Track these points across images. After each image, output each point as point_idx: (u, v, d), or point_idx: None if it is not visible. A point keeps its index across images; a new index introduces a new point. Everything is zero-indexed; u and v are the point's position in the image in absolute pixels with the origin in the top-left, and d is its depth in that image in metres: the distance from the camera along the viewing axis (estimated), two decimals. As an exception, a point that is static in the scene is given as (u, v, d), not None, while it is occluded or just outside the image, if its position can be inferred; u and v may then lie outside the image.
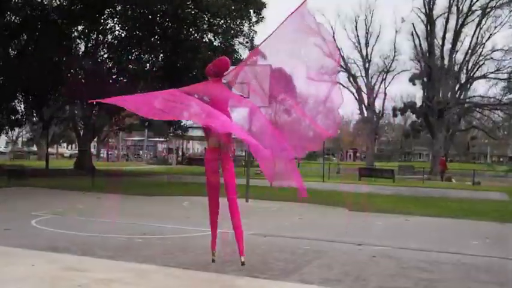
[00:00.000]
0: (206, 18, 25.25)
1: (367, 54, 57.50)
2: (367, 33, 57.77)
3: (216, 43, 27.12)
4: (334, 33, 58.67)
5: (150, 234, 9.49)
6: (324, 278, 6.64)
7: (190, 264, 7.13)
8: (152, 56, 28.35)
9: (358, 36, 57.83)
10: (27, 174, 23.43)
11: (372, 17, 59.55)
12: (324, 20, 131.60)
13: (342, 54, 56.75)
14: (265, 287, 6.22)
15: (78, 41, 29.39)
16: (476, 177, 34.75)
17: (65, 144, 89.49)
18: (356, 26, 57.94)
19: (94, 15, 26.81)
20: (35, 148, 76.56)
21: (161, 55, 27.68)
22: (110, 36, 29.72)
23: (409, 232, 11.50)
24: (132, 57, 27.54)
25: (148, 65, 28.49)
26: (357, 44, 57.90)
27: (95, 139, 42.52)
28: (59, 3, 27.21)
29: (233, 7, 24.85)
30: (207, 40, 26.41)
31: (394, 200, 19.06)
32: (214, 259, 7.28)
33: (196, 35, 25.94)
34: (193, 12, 23.79)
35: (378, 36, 58.91)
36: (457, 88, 50.83)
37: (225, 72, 7.10)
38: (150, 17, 24.18)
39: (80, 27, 28.97)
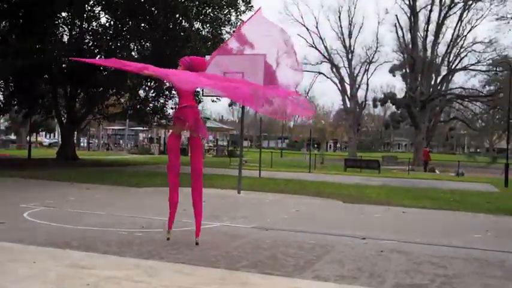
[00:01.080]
0: (195, 7, 24.83)
1: (350, 45, 57.59)
2: (350, 24, 57.92)
3: (204, 32, 26.75)
4: (317, 23, 58.83)
5: (148, 228, 9.22)
6: (339, 275, 6.44)
7: (199, 260, 6.87)
8: (140, 44, 27.86)
9: (341, 27, 57.93)
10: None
11: (355, 8, 60.17)
12: (307, 10, 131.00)
13: (325, 44, 56.78)
14: (281, 284, 5.99)
15: (62, 28, 28.70)
16: (459, 168, 34.99)
17: (43, 133, 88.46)
18: (339, 17, 57.98)
19: (79, 2, 26.20)
20: (13, 137, 75.41)
21: (149, 43, 27.21)
22: (95, 24, 29.12)
23: (410, 225, 11.38)
24: (119, 45, 26.98)
25: (135, 53, 27.96)
26: (340, 35, 57.96)
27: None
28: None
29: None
30: (195, 29, 26.00)
31: (385, 191, 18.99)
32: (169, 238, 8.16)
33: (185, 23, 25.51)
34: (183, 0, 23.36)
35: (360, 28, 59.76)
36: (439, 80, 51.10)
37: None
38: (139, 4, 23.67)
39: (64, 14, 28.30)
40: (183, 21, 25.46)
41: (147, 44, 27.48)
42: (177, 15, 24.67)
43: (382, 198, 16.34)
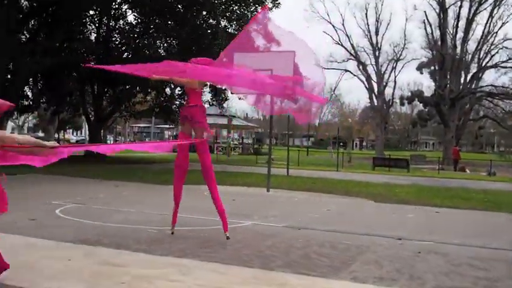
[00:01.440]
0: (222, 4, 24.70)
1: (377, 42, 56.94)
2: (377, 21, 57.27)
3: (231, 30, 26.66)
4: (343, 20, 58.37)
5: (179, 226, 9.10)
6: (377, 277, 6.26)
7: (232, 259, 6.75)
8: (167, 41, 27.89)
9: (368, 24, 57.31)
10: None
11: (382, 4, 59.01)
12: (333, 8, 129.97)
13: (351, 42, 56.30)
14: (317, 285, 5.83)
15: (89, 26, 28.90)
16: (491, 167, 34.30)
17: (70, 131, 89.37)
18: (366, 14, 57.36)
19: (105, 1, 26.34)
20: (40, 134, 76.25)
21: (175, 41, 27.20)
22: (122, 22, 29.24)
23: (444, 225, 11.09)
24: (146, 43, 27.04)
25: (162, 50, 28.00)
26: (366, 32, 57.35)
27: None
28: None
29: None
30: (222, 27, 25.91)
31: (415, 190, 18.65)
32: (173, 232, 8.39)
33: (212, 21, 25.42)
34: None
35: (388, 24, 59.02)
36: (468, 77, 50.28)
37: None
38: (167, 1, 23.66)
39: (91, 12, 28.49)
40: (210, 18, 25.38)
41: (174, 41, 27.47)
42: (205, 13, 24.60)
43: (413, 198, 16.03)
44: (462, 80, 49.09)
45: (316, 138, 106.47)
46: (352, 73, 57.34)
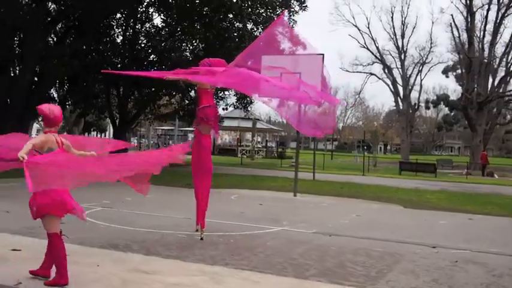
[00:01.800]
0: (249, 7, 24.48)
1: (402, 46, 56.23)
2: (403, 24, 56.53)
3: (257, 33, 26.46)
4: (369, 23, 57.79)
5: (208, 231, 8.93)
6: (415, 287, 6.02)
7: (265, 268, 6.56)
8: (192, 44, 27.76)
9: (394, 27, 56.59)
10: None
11: (408, 7, 58.18)
12: (358, 11, 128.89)
13: (376, 45, 55.79)
14: (355, 296, 5.62)
15: (116, 29, 28.97)
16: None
17: (94, 133, 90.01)
18: (392, 17, 56.69)
19: (132, 4, 26.37)
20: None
21: (201, 44, 27.07)
22: (148, 25, 29.25)
23: (479, 233, 10.75)
24: (172, 46, 26.99)
25: (188, 53, 27.95)
26: (392, 35, 56.65)
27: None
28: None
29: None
30: (248, 30, 25.69)
31: (446, 196, 18.27)
32: (198, 229, 8.51)
33: (239, 24, 25.23)
34: (240, 1, 23.01)
35: (414, 28, 57.74)
36: (496, 81, 49.39)
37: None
38: (194, 4, 23.53)
39: (118, 15, 28.55)
40: (236, 21, 25.21)
41: (200, 44, 27.36)
42: (231, 16, 24.43)
43: (444, 204, 15.69)
44: (490, 84, 48.22)
45: (339, 142, 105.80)
46: (377, 76, 56.75)
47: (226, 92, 30.44)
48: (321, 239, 8.88)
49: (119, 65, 26.70)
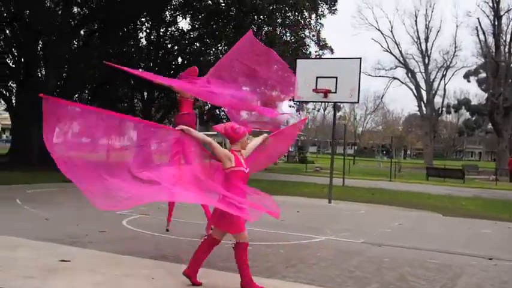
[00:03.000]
0: (279, 11, 24.22)
1: (426, 50, 55.67)
2: (427, 28, 56.03)
3: (286, 36, 26.27)
4: (392, 27, 57.36)
5: (254, 241, 8.65)
6: (488, 304, 5.70)
7: (324, 281, 6.28)
8: (216, 47, 27.57)
9: (417, 30, 56.15)
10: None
11: (432, 11, 57.45)
12: (381, 14, 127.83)
13: (400, 49, 55.27)
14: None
15: (142, 32, 28.93)
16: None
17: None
18: (416, 21, 56.22)
19: (157, 7, 26.30)
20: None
21: (227, 47, 26.90)
22: (173, 28, 29.13)
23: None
24: (200, 49, 26.83)
25: (213, 57, 27.78)
26: (416, 39, 56.15)
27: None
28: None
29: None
30: (278, 33, 25.48)
31: (481, 203, 17.86)
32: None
33: (268, 27, 25.00)
34: (270, 4, 22.77)
35: (438, 31, 57.21)
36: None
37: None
38: (225, 7, 23.41)
39: (143, 19, 28.51)
40: (266, 25, 24.97)
41: (226, 47, 27.16)
42: (261, 19, 24.22)
43: (482, 212, 15.32)
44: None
45: (359, 147, 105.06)
46: (400, 81, 56.25)
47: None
48: (371, 250, 8.57)
49: (143, 69, 26.60)
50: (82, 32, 28.74)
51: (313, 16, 27.12)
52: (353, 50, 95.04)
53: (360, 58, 14.58)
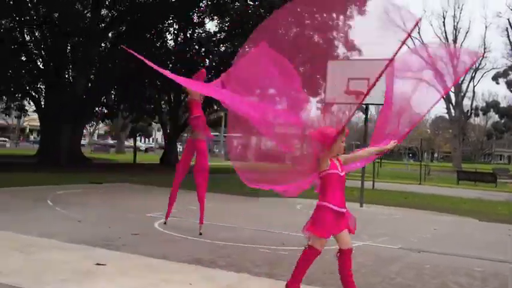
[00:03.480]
0: (308, 13, 23.87)
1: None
2: (455, 29, 55.21)
3: (314, 38, 25.94)
4: (419, 28, 56.50)
5: (290, 245, 8.46)
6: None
7: (366, 289, 6.04)
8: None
9: (445, 32, 55.34)
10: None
11: (460, 12, 56.50)
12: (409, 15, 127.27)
13: (427, 51, 54.49)
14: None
15: (168, 35, 28.94)
16: None
17: (138, 138, 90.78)
18: (444, 22, 55.54)
19: (186, 10, 26.30)
20: (110, 141, 77.84)
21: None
22: (200, 30, 29.09)
23: None
24: (228, 50, 26.74)
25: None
26: (444, 40, 55.35)
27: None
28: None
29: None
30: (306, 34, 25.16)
31: (517, 208, 17.40)
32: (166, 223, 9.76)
33: (296, 29, 24.64)
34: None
35: (467, 32, 56.28)
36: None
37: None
38: (253, 9, 23.28)
39: (169, 21, 28.51)
40: (294, 26, 24.64)
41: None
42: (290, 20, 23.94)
43: (519, 217, 14.87)
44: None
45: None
46: (428, 83, 55.50)
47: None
48: (410, 256, 8.30)
49: (171, 70, 26.60)
50: (110, 34, 28.87)
51: (341, 17, 26.75)
52: (379, 51, 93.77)
53: (393, 59, 14.23)
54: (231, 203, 14.84)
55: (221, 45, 27.77)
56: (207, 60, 27.76)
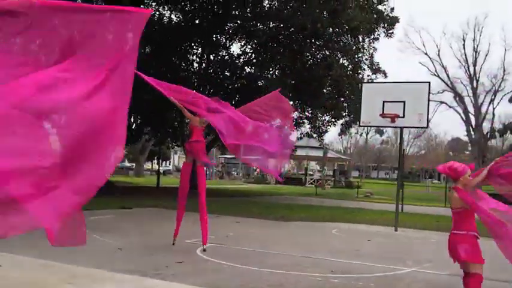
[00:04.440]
0: (337, 35, 23.83)
1: (474, 73, 54.57)
2: (475, 51, 54.86)
3: (343, 60, 25.97)
4: (439, 51, 56.27)
5: (338, 272, 8.28)
6: None
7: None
8: (273, 72, 27.27)
9: (465, 54, 55.01)
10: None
11: (480, 34, 55.97)
12: (429, 38, 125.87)
13: (447, 72, 54.37)
14: None
15: (192, 57, 29.00)
16: None
17: (155, 161, 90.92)
18: (464, 44, 55.19)
19: (210, 34, 26.45)
20: (128, 164, 77.91)
21: (287, 70, 26.52)
22: (223, 53, 29.07)
23: None
24: (254, 73, 26.69)
25: (267, 82, 27.65)
26: (463, 63, 55.11)
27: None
28: (178, 20, 27.13)
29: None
30: (336, 57, 25.11)
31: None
32: (174, 243, 10.13)
33: (327, 52, 24.60)
34: (331, 28, 22.52)
35: (486, 55, 55.71)
36: None
37: None
38: (281, 33, 23.28)
39: (193, 45, 28.63)
40: (324, 49, 24.66)
41: (280, 71, 26.86)
42: (321, 43, 23.94)
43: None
44: None
45: (403, 171, 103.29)
46: (448, 105, 55.23)
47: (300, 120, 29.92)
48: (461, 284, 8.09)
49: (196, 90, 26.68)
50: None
51: (367, 40, 26.79)
52: (399, 73, 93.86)
53: (429, 82, 14.27)
54: (265, 228, 14.63)
55: (247, 67, 27.72)
56: (234, 82, 27.66)
